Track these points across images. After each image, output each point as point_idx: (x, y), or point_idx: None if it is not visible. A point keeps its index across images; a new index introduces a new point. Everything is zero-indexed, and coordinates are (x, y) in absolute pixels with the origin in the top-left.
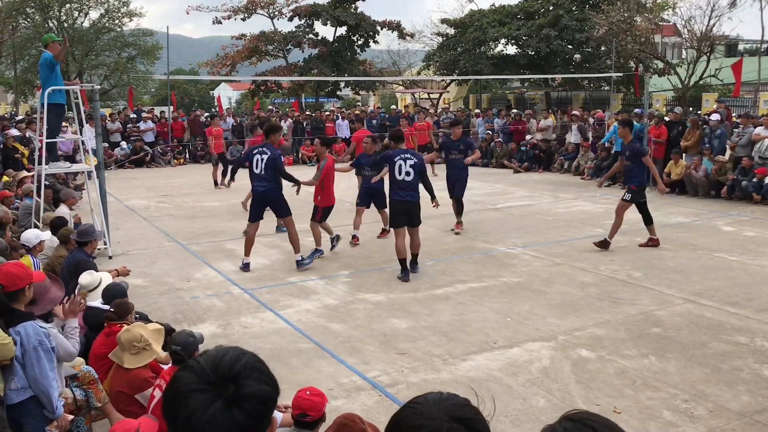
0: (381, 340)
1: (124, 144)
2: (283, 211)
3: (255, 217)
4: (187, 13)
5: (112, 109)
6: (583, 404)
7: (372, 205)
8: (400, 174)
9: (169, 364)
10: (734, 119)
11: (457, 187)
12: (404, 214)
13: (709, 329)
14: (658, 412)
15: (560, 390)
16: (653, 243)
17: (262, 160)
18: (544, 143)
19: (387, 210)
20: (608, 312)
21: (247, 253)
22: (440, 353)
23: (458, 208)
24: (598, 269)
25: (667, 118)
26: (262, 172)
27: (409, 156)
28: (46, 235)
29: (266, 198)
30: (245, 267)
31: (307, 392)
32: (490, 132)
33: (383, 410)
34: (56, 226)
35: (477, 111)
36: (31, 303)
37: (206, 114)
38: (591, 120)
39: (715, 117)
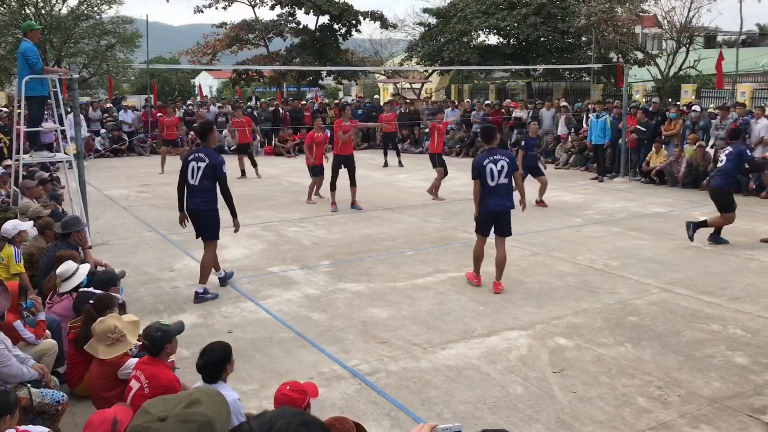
0: (361, 329)
1: (103, 132)
2: (210, 233)
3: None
4: (167, 1)
5: (92, 98)
6: (560, 391)
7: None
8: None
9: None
10: (712, 110)
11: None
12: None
13: (684, 317)
14: (632, 398)
15: (537, 378)
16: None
17: (198, 168)
18: (519, 134)
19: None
20: (586, 301)
21: (216, 268)
22: (420, 342)
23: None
24: (576, 259)
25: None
26: (197, 183)
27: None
28: (27, 225)
29: (197, 217)
30: (222, 280)
31: (288, 387)
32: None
33: (363, 398)
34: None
35: (450, 102)
36: None
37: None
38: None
39: (696, 108)
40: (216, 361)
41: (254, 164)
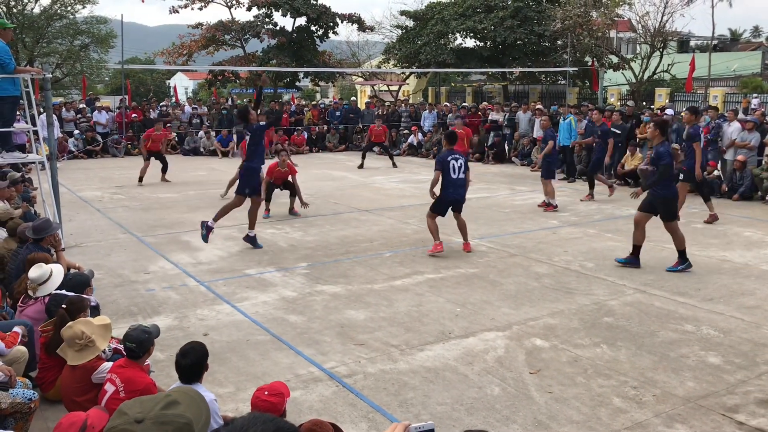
0: (338, 331)
1: (77, 132)
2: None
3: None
4: (143, 2)
5: (65, 99)
6: (537, 392)
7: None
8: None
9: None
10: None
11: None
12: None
13: (659, 318)
14: (608, 399)
15: (514, 378)
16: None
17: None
18: (497, 137)
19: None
20: (562, 302)
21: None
22: (398, 343)
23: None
24: (552, 260)
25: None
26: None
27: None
28: None
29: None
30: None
31: (266, 392)
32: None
33: (341, 400)
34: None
35: (427, 104)
36: None
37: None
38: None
39: (668, 112)
40: (200, 361)
41: (164, 170)
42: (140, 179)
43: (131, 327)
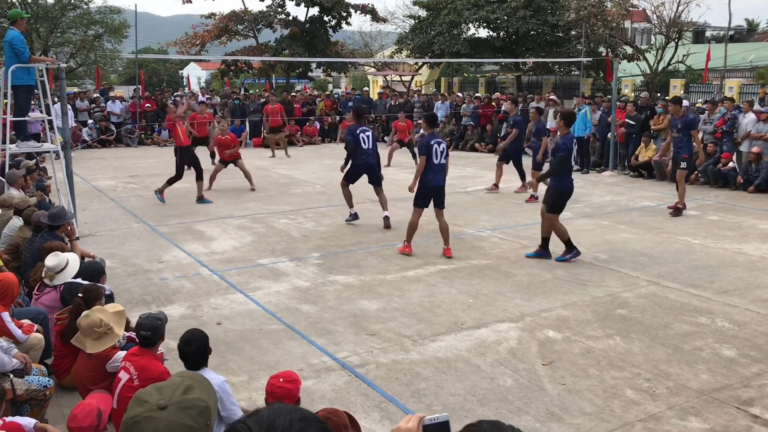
0: (351, 321)
1: (90, 122)
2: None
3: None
4: None
5: (79, 88)
6: (549, 383)
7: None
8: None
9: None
10: (700, 105)
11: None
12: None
13: (672, 310)
14: (621, 390)
15: (527, 370)
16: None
17: (368, 137)
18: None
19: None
20: (575, 294)
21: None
22: (410, 334)
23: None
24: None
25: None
26: (370, 147)
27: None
28: None
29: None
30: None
31: (281, 379)
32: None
33: (353, 390)
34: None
35: (440, 95)
36: None
37: (176, 94)
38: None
39: (684, 103)
40: (204, 346)
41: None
42: (210, 183)
43: (142, 316)
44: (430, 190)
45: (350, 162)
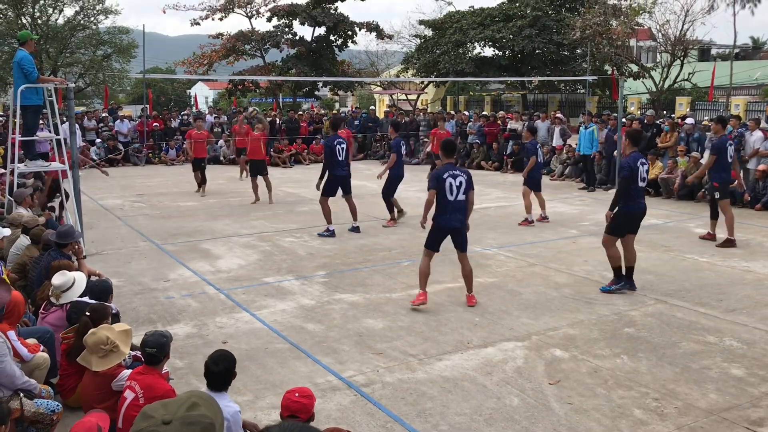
0: (357, 340)
1: (98, 141)
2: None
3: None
4: (164, 12)
5: (87, 108)
6: (556, 403)
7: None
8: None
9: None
10: (706, 123)
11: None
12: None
13: (680, 329)
14: (629, 410)
15: (534, 389)
16: (710, 237)
17: (343, 149)
18: (515, 146)
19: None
20: (582, 312)
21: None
22: (416, 353)
23: None
24: (572, 270)
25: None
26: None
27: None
28: (5, 232)
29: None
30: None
31: (296, 394)
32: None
33: (359, 410)
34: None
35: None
36: None
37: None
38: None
39: (689, 121)
40: (231, 367)
41: (204, 181)
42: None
43: (147, 333)
44: (443, 231)
45: (326, 176)
